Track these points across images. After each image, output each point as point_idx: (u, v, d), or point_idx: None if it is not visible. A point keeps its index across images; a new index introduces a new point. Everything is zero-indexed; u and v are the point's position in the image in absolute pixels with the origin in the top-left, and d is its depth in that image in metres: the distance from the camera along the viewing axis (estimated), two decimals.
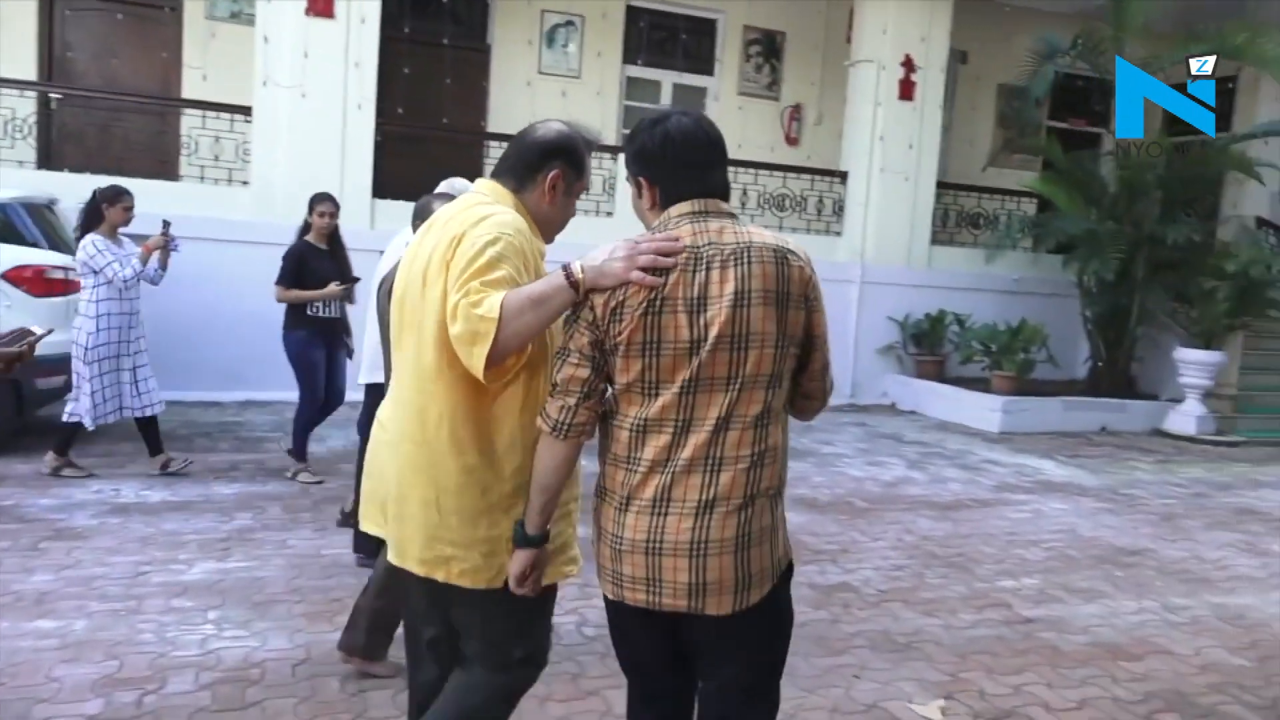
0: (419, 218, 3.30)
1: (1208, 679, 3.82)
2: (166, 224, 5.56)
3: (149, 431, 5.67)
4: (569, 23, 11.07)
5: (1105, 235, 9.88)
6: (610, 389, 1.94)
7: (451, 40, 10.62)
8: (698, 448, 1.85)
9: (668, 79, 11.68)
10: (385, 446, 2.14)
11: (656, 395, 1.86)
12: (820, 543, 5.24)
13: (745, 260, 1.84)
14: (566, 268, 1.85)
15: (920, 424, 9.55)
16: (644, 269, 1.82)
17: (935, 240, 11.03)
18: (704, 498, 1.85)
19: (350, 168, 8.56)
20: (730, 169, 2.11)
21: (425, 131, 10.18)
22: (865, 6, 10.39)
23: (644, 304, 1.82)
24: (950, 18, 10.43)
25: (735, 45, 11.76)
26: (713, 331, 1.82)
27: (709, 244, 1.86)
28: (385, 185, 8.86)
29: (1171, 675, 3.84)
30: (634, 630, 2.05)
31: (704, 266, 1.84)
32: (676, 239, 1.86)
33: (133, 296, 5.49)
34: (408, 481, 2.05)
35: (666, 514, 1.86)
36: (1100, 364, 10.61)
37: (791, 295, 1.88)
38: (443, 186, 4.09)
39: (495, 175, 2.15)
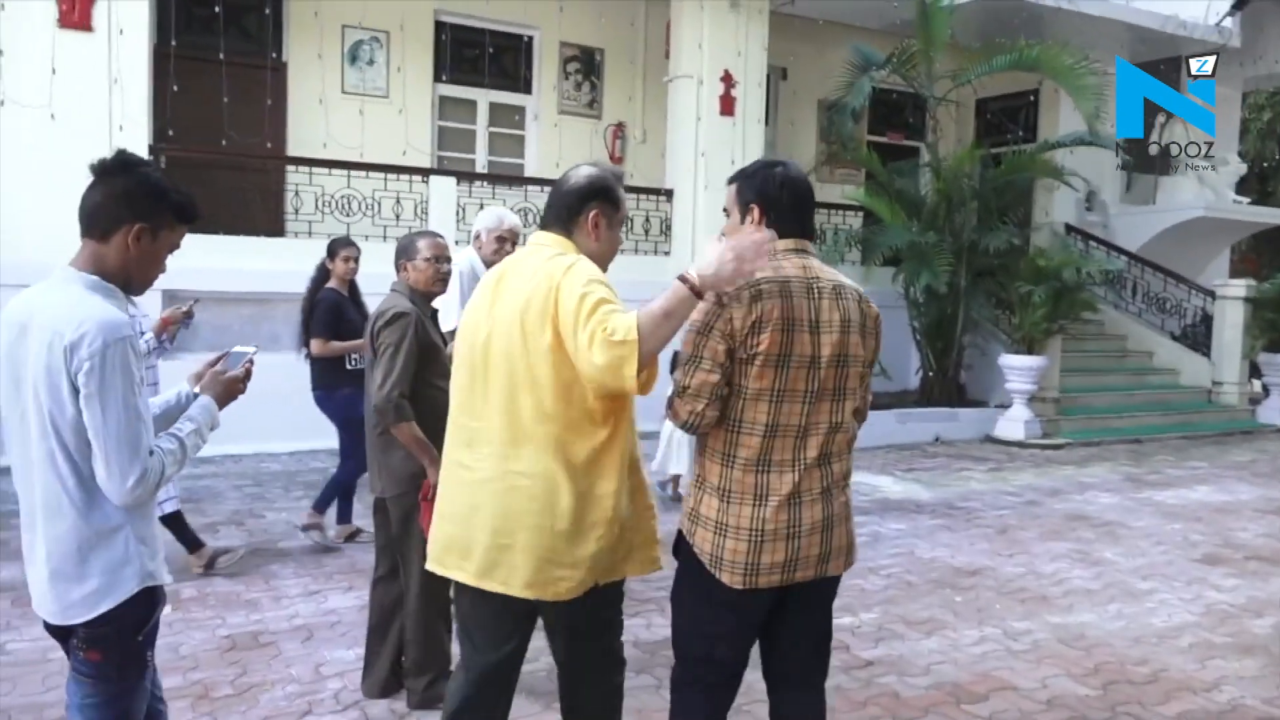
0: (403, 255, 3.47)
1: (1054, 716, 3.52)
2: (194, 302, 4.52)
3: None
4: (374, 39, 10.38)
5: (928, 246, 9.92)
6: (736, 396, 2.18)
7: (232, 56, 9.64)
8: (819, 447, 2.22)
9: (483, 98, 11.13)
10: (476, 486, 2.27)
11: (782, 402, 2.17)
12: (648, 589, 4.70)
13: (844, 296, 2.24)
14: (685, 278, 2.02)
15: None
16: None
17: None
18: (824, 485, 2.24)
19: None
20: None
21: (211, 156, 9.23)
22: (681, 22, 10.15)
23: (781, 322, 2.13)
24: (765, 33, 10.30)
25: (552, 62, 11.33)
26: (827, 351, 2.19)
27: (815, 278, 2.21)
28: None
29: (1017, 715, 3.52)
30: (743, 616, 2.28)
31: (818, 296, 2.20)
32: (764, 239, 2.06)
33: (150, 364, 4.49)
34: (518, 512, 2.21)
35: (800, 503, 2.20)
36: (931, 374, 10.66)
37: (868, 327, 2.29)
38: (490, 220, 4.40)
39: (544, 225, 2.38)
